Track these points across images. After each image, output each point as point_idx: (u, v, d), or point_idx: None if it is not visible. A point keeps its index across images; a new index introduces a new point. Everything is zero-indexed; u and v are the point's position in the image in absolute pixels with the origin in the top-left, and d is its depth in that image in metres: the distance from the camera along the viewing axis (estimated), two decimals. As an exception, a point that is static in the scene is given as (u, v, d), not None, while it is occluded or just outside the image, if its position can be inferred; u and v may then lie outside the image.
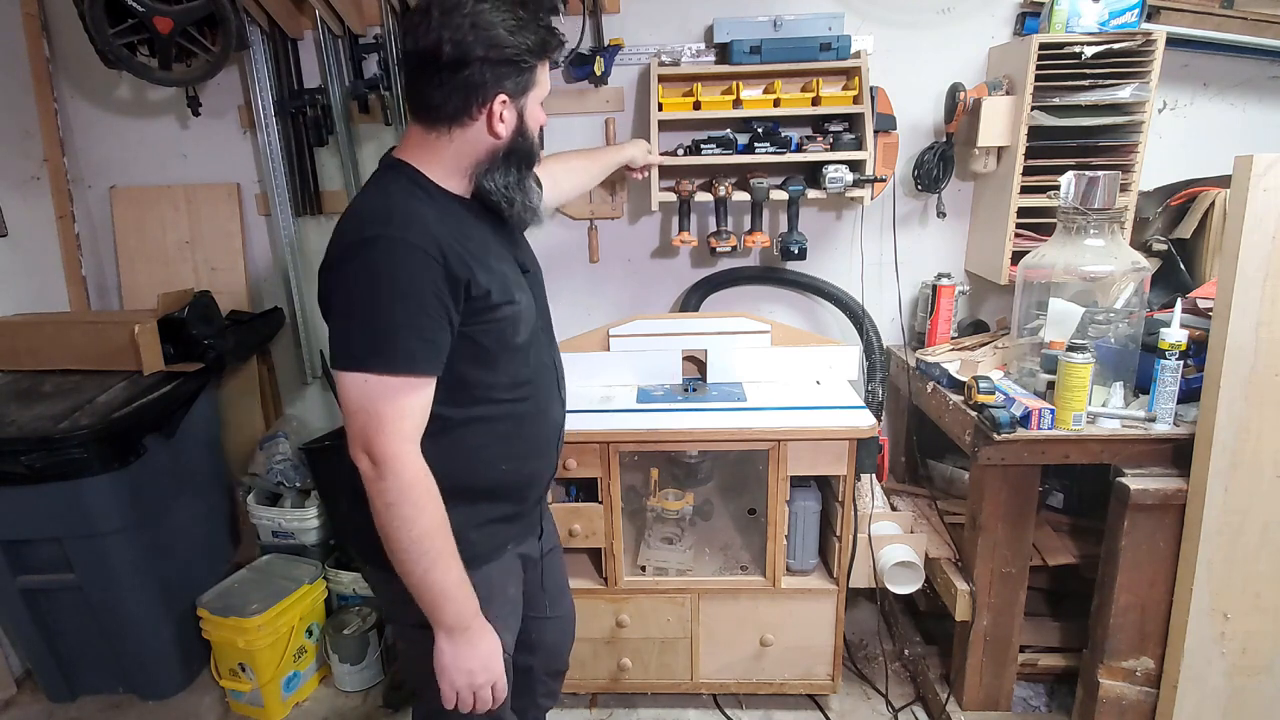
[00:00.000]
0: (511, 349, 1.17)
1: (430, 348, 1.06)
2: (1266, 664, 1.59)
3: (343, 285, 1.06)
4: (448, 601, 1.10)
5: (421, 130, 1.13)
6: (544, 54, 1.11)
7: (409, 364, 1.04)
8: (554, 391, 1.29)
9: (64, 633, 2.02)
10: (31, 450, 1.77)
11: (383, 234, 1.04)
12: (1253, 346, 1.43)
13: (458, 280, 1.06)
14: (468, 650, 1.12)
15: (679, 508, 1.99)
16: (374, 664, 2.14)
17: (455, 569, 1.10)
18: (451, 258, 1.05)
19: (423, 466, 1.07)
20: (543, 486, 1.32)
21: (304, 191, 2.26)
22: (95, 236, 2.38)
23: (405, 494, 1.04)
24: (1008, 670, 1.83)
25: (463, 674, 1.13)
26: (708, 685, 1.99)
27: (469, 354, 1.12)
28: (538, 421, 1.25)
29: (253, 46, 2.09)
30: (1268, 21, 1.90)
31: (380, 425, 1.03)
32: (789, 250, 2.01)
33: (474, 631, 1.13)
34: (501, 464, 1.21)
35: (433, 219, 1.07)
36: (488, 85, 1.07)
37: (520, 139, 1.14)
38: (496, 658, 1.16)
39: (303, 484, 2.28)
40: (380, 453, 1.04)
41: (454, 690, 1.14)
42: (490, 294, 1.10)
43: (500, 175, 1.15)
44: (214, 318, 2.17)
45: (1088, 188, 1.63)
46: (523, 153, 1.16)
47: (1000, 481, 1.69)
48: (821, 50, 1.92)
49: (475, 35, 1.04)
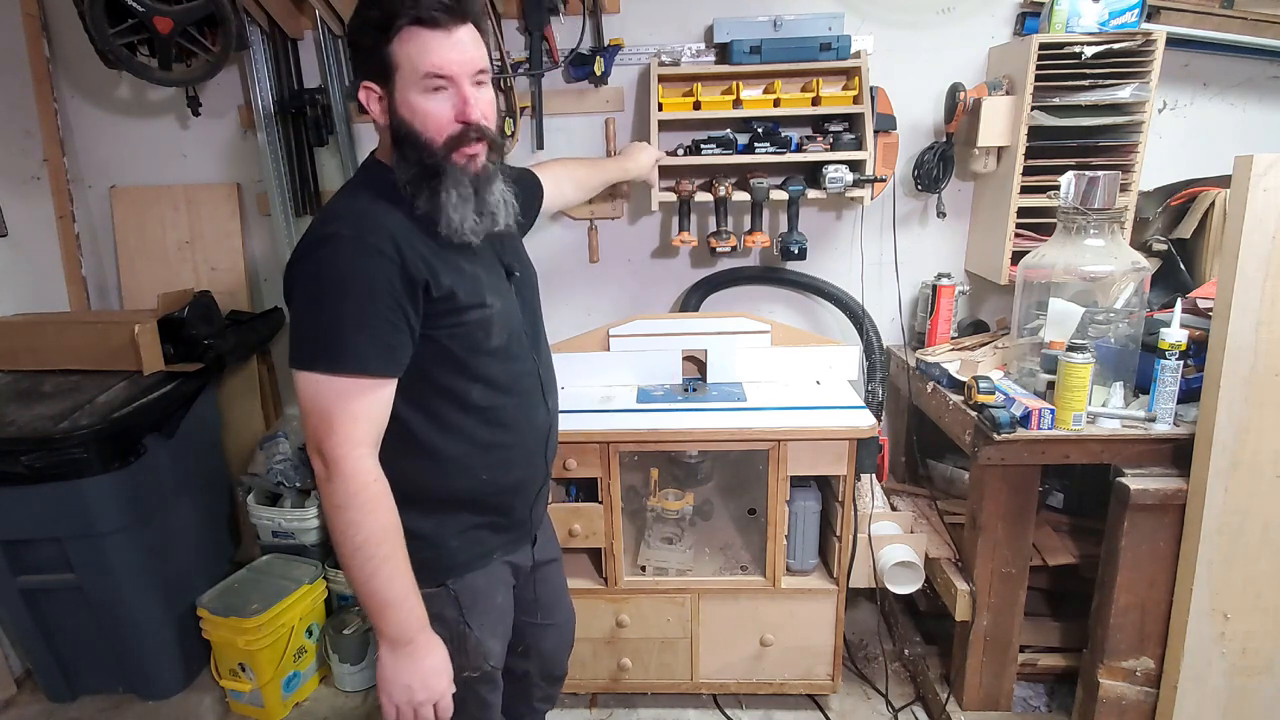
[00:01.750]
0: (484, 353, 1.12)
1: (383, 349, 1.02)
2: (1266, 664, 1.59)
3: (299, 283, 1.03)
4: (389, 611, 1.06)
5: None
6: (389, 29, 0.99)
7: (359, 365, 1.00)
8: (537, 398, 1.24)
9: (64, 633, 2.02)
10: (31, 450, 1.77)
11: (339, 233, 1.01)
12: (1253, 346, 1.43)
13: (414, 281, 1.02)
14: (409, 665, 1.08)
15: (679, 508, 1.99)
16: (374, 664, 2.13)
17: (401, 579, 1.05)
18: (410, 257, 1.02)
19: (374, 471, 1.04)
20: (530, 495, 1.27)
21: (304, 191, 2.26)
22: (95, 236, 2.38)
23: (352, 498, 1.01)
24: (1008, 670, 1.83)
25: (401, 689, 1.09)
26: (708, 685, 1.99)
27: (437, 358, 1.09)
28: (519, 429, 1.21)
29: (253, 46, 2.09)
30: (1268, 21, 1.90)
31: (330, 427, 1.01)
32: (789, 250, 2.01)
33: (417, 646, 1.08)
34: (482, 473, 1.17)
35: (395, 219, 1.04)
36: (357, 74, 1.05)
37: (404, 131, 1.03)
38: (440, 676, 1.11)
39: (303, 484, 2.27)
40: (330, 454, 1.01)
41: (393, 705, 1.10)
42: (455, 295, 1.06)
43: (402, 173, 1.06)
44: (214, 318, 2.17)
45: (1088, 188, 1.63)
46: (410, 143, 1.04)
47: (1000, 481, 1.69)
48: (821, 50, 1.92)
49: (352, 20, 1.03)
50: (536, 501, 1.31)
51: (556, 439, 1.33)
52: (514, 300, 1.19)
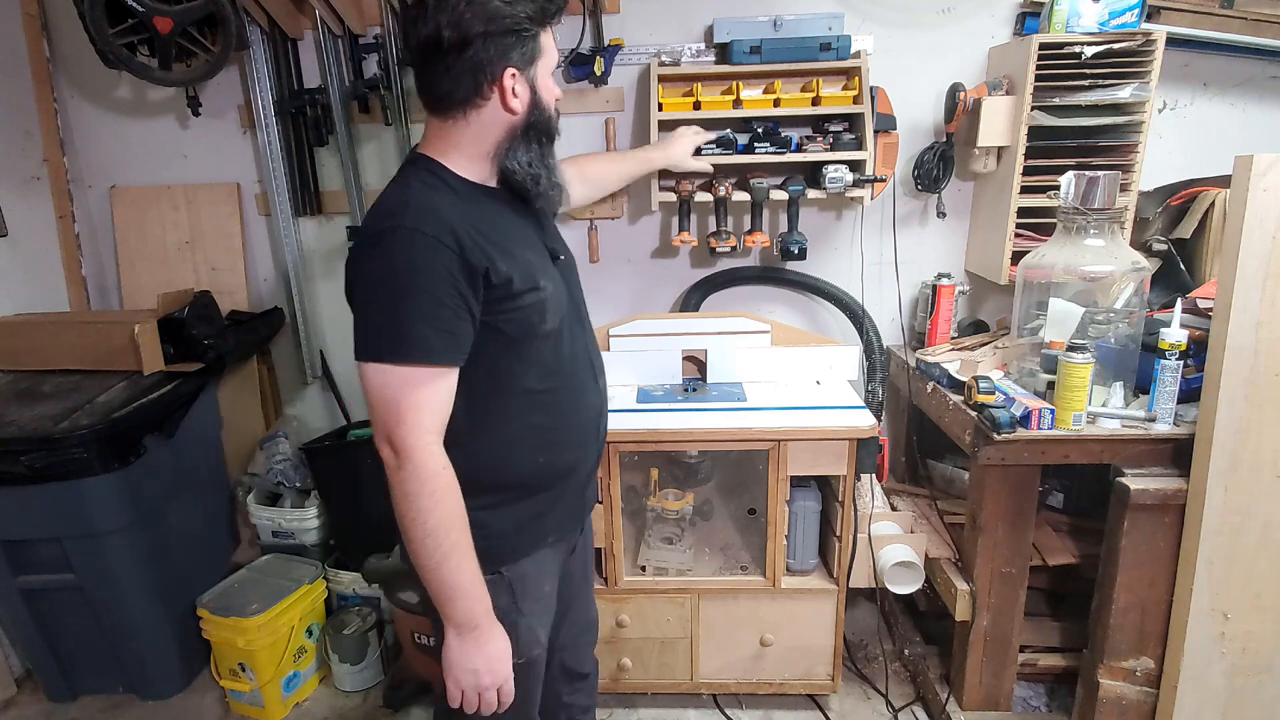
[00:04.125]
0: (539, 336, 1.15)
1: (447, 338, 1.05)
2: (1266, 664, 1.59)
3: (361, 278, 1.06)
4: (459, 597, 1.09)
5: (438, 122, 1.12)
6: (545, 19, 1.09)
7: (425, 354, 1.03)
8: (589, 380, 1.27)
9: (64, 633, 2.02)
10: (31, 450, 1.77)
11: (398, 226, 1.03)
12: (1253, 346, 1.43)
13: (475, 269, 1.05)
14: (475, 649, 1.11)
15: (679, 508, 1.99)
16: (374, 664, 2.14)
17: (469, 566, 1.09)
18: (468, 246, 1.04)
19: (442, 459, 1.06)
20: (582, 477, 1.30)
21: (304, 191, 2.26)
22: (95, 236, 2.39)
23: (423, 486, 1.04)
24: (1008, 670, 1.83)
25: (468, 673, 1.12)
26: (708, 685, 1.99)
27: (496, 344, 1.11)
28: (573, 411, 1.23)
29: (253, 46, 2.10)
30: (1268, 21, 1.90)
31: (400, 416, 1.03)
32: (789, 250, 2.01)
33: (482, 631, 1.11)
34: (539, 456, 1.20)
35: (450, 209, 1.07)
36: (494, 61, 1.06)
37: (536, 112, 1.12)
38: (502, 661, 1.14)
39: (303, 484, 2.28)
40: (400, 443, 1.04)
41: (459, 689, 1.13)
42: (512, 281, 1.08)
43: (522, 153, 1.13)
44: (214, 318, 2.17)
45: (1088, 188, 1.63)
46: (541, 126, 1.14)
47: (1000, 481, 1.69)
48: (821, 50, 1.92)
49: (471, 12, 1.03)
50: (588, 485, 1.34)
51: (607, 421, 1.35)
52: (562, 284, 1.21)
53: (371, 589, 2.14)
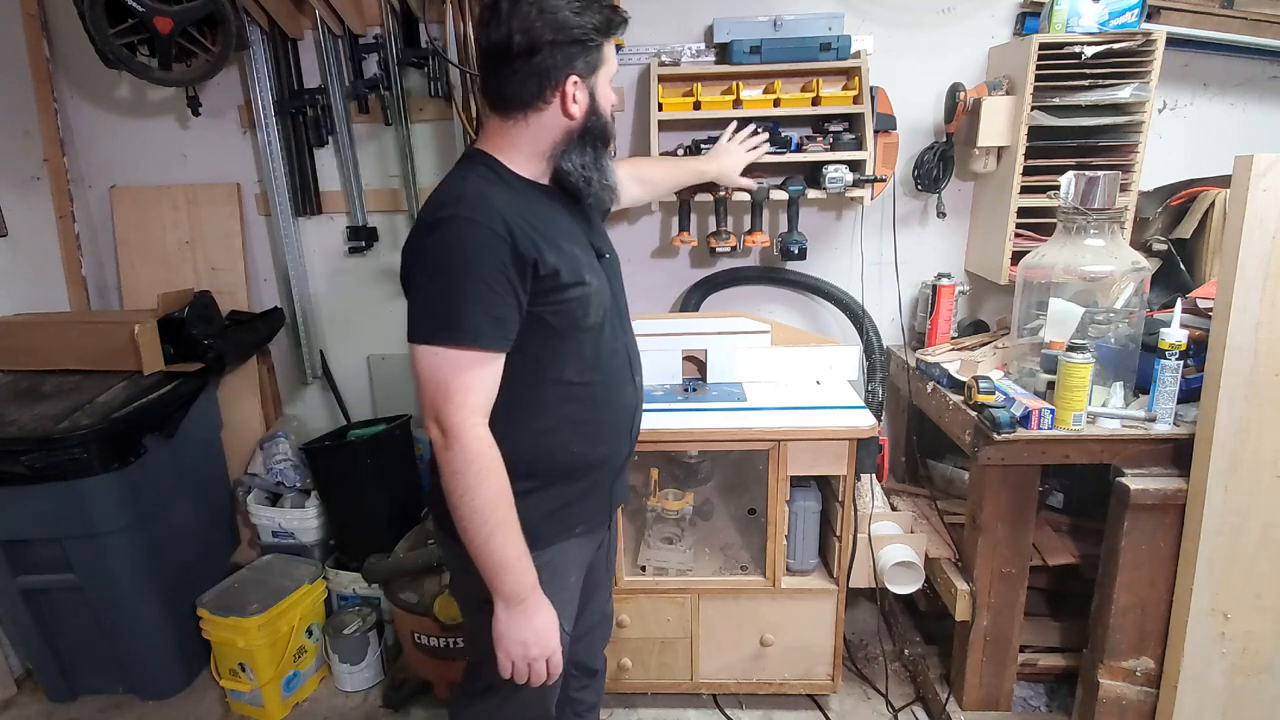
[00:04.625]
0: (581, 330, 1.19)
1: (496, 323, 1.09)
2: (1266, 664, 1.59)
3: (417, 264, 1.12)
4: (506, 572, 1.13)
5: (498, 120, 1.18)
6: (609, 31, 1.15)
7: (474, 338, 1.08)
8: (626, 375, 1.31)
9: (64, 633, 2.02)
10: (31, 450, 1.77)
11: (454, 215, 1.09)
12: (1253, 346, 1.43)
13: (525, 259, 1.09)
14: (523, 622, 1.16)
15: (679, 508, 1.99)
16: (374, 664, 2.14)
17: (515, 541, 1.13)
18: (519, 237, 1.09)
19: (487, 438, 1.11)
20: (613, 471, 1.34)
21: (304, 191, 2.26)
22: (95, 236, 2.39)
23: (469, 464, 1.09)
24: (1008, 670, 1.83)
25: (517, 645, 1.16)
26: (708, 685, 1.99)
27: (539, 335, 1.16)
28: (608, 406, 1.27)
29: (253, 46, 2.10)
30: (1268, 21, 1.90)
31: (448, 396, 1.08)
32: (789, 250, 2.01)
33: (530, 604, 1.16)
34: (572, 446, 1.24)
35: (503, 201, 1.11)
36: (559, 68, 1.11)
37: (594, 118, 1.18)
38: (551, 632, 1.18)
39: (303, 484, 2.28)
40: (447, 422, 1.09)
41: (509, 659, 1.17)
42: (559, 273, 1.13)
43: (577, 155, 1.19)
44: (214, 318, 2.17)
45: (1088, 188, 1.63)
46: (597, 131, 1.20)
47: (1000, 481, 1.69)
48: (821, 50, 1.92)
49: (542, 21, 1.08)
50: (618, 480, 1.37)
51: (641, 418, 1.40)
52: (605, 281, 1.25)
53: (371, 589, 2.14)
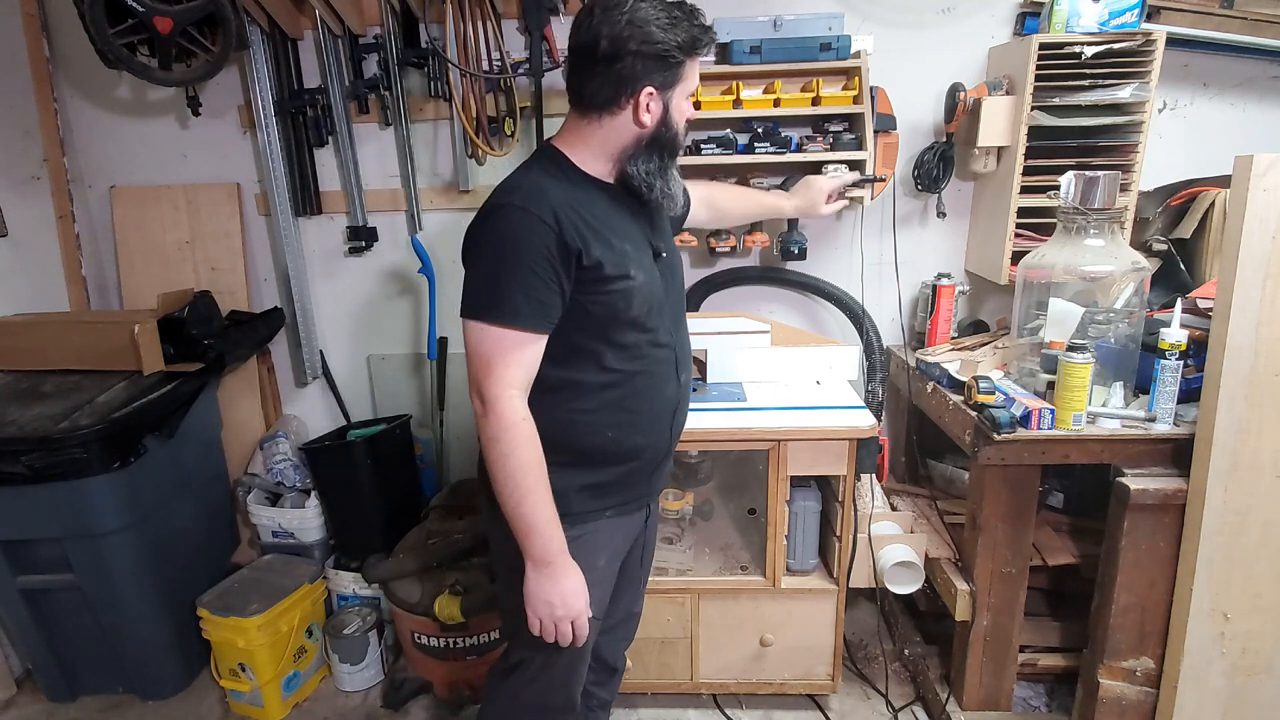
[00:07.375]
0: (623, 321, 1.24)
1: (537, 306, 1.16)
2: (1266, 664, 1.59)
3: (473, 245, 1.19)
4: (534, 534, 1.20)
5: (576, 117, 1.24)
6: (693, 51, 1.19)
7: (515, 318, 1.15)
8: (670, 371, 1.34)
9: (64, 633, 2.02)
10: (31, 450, 1.77)
11: (509, 203, 1.16)
12: (1253, 346, 1.43)
13: (569, 249, 1.15)
14: (549, 584, 1.22)
15: (679, 508, 1.99)
16: (374, 664, 2.14)
17: (545, 507, 1.20)
18: (566, 228, 1.15)
19: (522, 410, 1.18)
20: (651, 464, 1.36)
21: (304, 191, 2.26)
22: (95, 236, 2.38)
23: (504, 432, 1.16)
24: (1008, 670, 1.83)
25: (544, 604, 1.23)
26: (708, 685, 1.99)
27: (582, 320, 1.22)
28: (648, 398, 1.31)
29: (253, 46, 2.09)
30: (1268, 21, 1.90)
31: (489, 370, 1.16)
32: (789, 250, 2.01)
33: (557, 567, 1.22)
34: (607, 430, 1.28)
35: (558, 194, 1.17)
36: (637, 78, 1.16)
37: (664, 129, 1.22)
38: (576, 596, 1.24)
39: (303, 484, 2.28)
40: (487, 394, 1.17)
41: (536, 618, 1.24)
42: (602, 266, 1.18)
43: (643, 162, 1.23)
44: (214, 318, 2.17)
45: (1088, 188, 1.63)
46: (665, 142, 1.24)
47: (1000, 481, 1.69)
48: (821, 50, 1.92)
49: (630, 31, 1.13)
50: (656, 473, 1.41)
51: (685, 416, 1.43)
52: (658, 278, 1.30)
53: (371, 589, 2.14)
